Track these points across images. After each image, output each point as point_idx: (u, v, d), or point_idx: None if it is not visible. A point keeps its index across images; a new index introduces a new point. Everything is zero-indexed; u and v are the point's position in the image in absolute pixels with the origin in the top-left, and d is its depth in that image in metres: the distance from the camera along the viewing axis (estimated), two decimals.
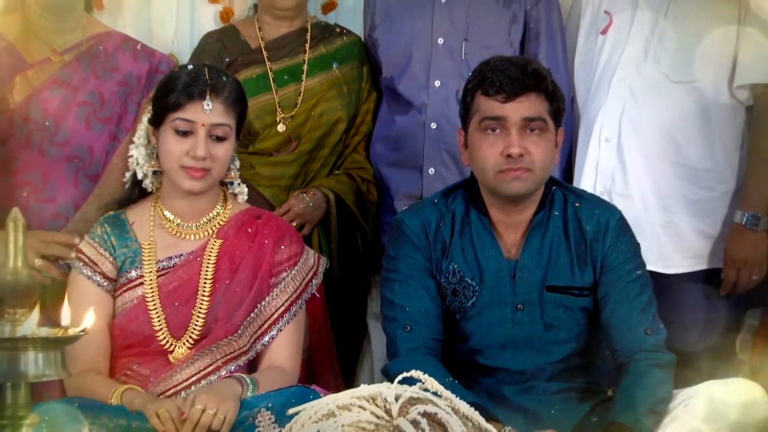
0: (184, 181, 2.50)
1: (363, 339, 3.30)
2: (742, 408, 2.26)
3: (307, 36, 3.20)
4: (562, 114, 2.55)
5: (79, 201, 2.75)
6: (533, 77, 2.47)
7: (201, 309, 2.50)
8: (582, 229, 2.54)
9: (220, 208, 2.60)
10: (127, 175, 2.64)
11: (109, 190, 2.75)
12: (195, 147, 2.46)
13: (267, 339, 2.53)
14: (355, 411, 1.85)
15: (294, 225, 2.90)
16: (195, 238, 2.57)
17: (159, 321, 2.49)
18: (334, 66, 3.21)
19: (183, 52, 3.34)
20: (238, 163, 2.66)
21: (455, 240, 2.55)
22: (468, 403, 1.96)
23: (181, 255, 2.54)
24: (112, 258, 2.54)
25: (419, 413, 1.85)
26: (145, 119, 2.60)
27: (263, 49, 3.17)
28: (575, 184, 3.00)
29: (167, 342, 2.48)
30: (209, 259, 2.53)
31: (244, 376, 2.42)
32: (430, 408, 1.86)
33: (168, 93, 2.50)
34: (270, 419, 2.21)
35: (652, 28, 2.99)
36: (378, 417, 1.85)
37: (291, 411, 1.97)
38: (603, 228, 2.54)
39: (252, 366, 2.54)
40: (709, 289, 2.95)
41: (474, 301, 2.52)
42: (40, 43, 2.77)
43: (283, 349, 2.54)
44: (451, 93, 3.09)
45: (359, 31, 3.33)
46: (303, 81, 3.16)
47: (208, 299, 2.51)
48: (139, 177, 2.59)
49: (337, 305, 3.01)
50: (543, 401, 2.49)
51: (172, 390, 2.44)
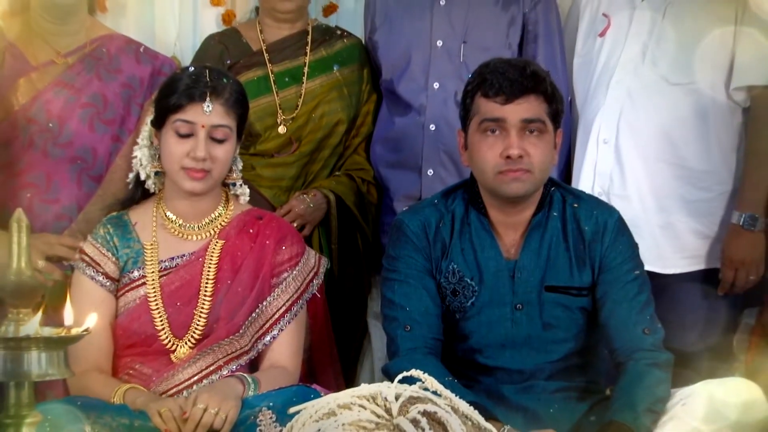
0: (184, 182, 2.51)
1: (363, 338, 3.30)
2: (742, 408, 2.26)
3: (308, 38, 3.21)
4: (560, 115, 2.55)
5: (82, 202, 2.76)
6: (532, 79, 2.47)
7: (203, 309, 2.51)
8: (580, 230, 2.54)
9: (222, 208, 2.61)
10: (131, 176, 2.64)
11: (112, 190, 2.76)
12: (195, 148, 2.47)
13: (268, 339, 2.54)
14: (356, 410, 1.86)
15: (295, 225, 2.90)
16: (197, 238, 2.57)
17: (161, 321, 2.49)
18: (334, 68, 3.21)
19: (185, 54, 3.34)
20: (240, 165, 2.66)
21: (455, 240, 2.55)
22: (467, 402, 1.97)
23: (184, 255, 2.55)
24: (114, 258, 2.55)
25: (419, 412, 1.86)
26: (148, 121, 2.61)
27: (264, 52, 3.18)
28: (574, 185, 3.00)
29: (169, 341, 2.49)
30: (211, 260, 2.54)
31: (245, 375, 2.43)
32: (429, 407, 1.87)
33: (169, 95, 2.50)
34: (271, 418, 2.21)
35: (649, 30, 2.99)
36: (378, 416, 1.86)
37: (292, 410, 1.99)
38: (601, 228, 2.53)
39: (253, 365, 2.55)
40: (707, 289, 2.96)
41: (473, 301, 2.52)
42: (44, 46, 2.78)
43: (285, 349, 2.54)
44: (450, 95, 3.10)
45: (360, 34, 3.33)
46: (304, 83, 3.17)
47: (210, 299, 2.51)
48: (142, 178, 2.60)
49: (338, 305, 3.01)
50: (542, 400, 2.48)
51: (174, 389, 2.44)
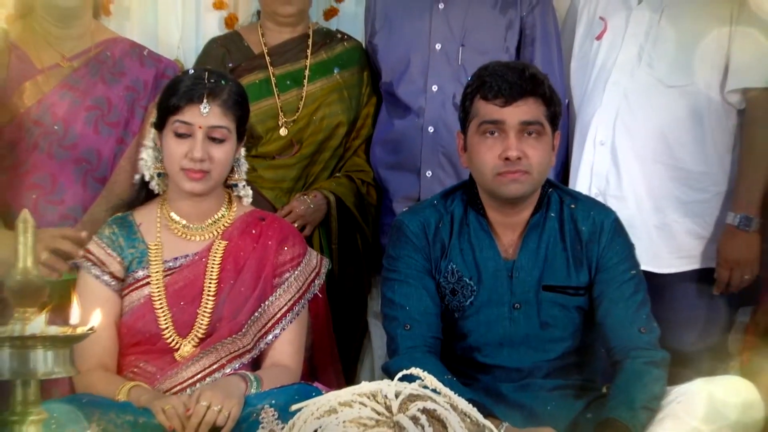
0: (184, 183, 2.52)
1: (364, 337, 3.31)
2: (741, 408, 2.27)
3: (309, 42, 3.22)
4: (558, 118, 2.56)
5: (87, 203, 2.76)
6: (531, 82, 2.48)
7: (206, 308, 2.51)
8: (578, 230, 2.55)
9: (225, 209, 2.62)
10: (137, 177, 2.66)
11: (117, 191, 2.77)
12: (193, 149, 2.48)
13: (270, 337, 2.54)
14: (356, 407, 1.87)
15: (296, 226, 2.90)
16: (200, 239, 2.58)
17: (165, 320, 2.50)
18: (335, 71, 3.22)
19: (188, 57, 3.36)
20: (245, 167, 2.67)
21: (454, 240, 2.56)
22: (466, 400, 1.98)
23: (187, 256, 2.55)
24: (120, 258, 2.55)
25: (419, 409, 1.87)
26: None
27: (266, 55, 3.19)
28: (571, 186, 3.01)
29: (173, 340, 2.50)
30: (214, 260, 2.55)
31: (248, 373, 2.44)
32: (429, 404, 1.88)
33: (169, 97, 2.52)
34: (273, 416, 2.22)
35: (646, 32, 3.00)
36: (378, 413, 1.87)
37: (294, 407, 1.99)
38: (598, 229, 2.55)
39: (256, 364, 2.55)
40: (702, 289, 2.97)
41: (472, 300, 2.53)
42: (49, 49, 2.78)
43: (287, 348, 2.55)
44: (448, 97, 3.11)
45: (360, 38, 3.34)
46: (305, 86, 3.18)
47: (213, 299, 2.52)
48: (147, 179, 2.61)
49: (338, 304, 3.02)
50: (539, 398, 2.49)
51: (177, 387, 2.45)
